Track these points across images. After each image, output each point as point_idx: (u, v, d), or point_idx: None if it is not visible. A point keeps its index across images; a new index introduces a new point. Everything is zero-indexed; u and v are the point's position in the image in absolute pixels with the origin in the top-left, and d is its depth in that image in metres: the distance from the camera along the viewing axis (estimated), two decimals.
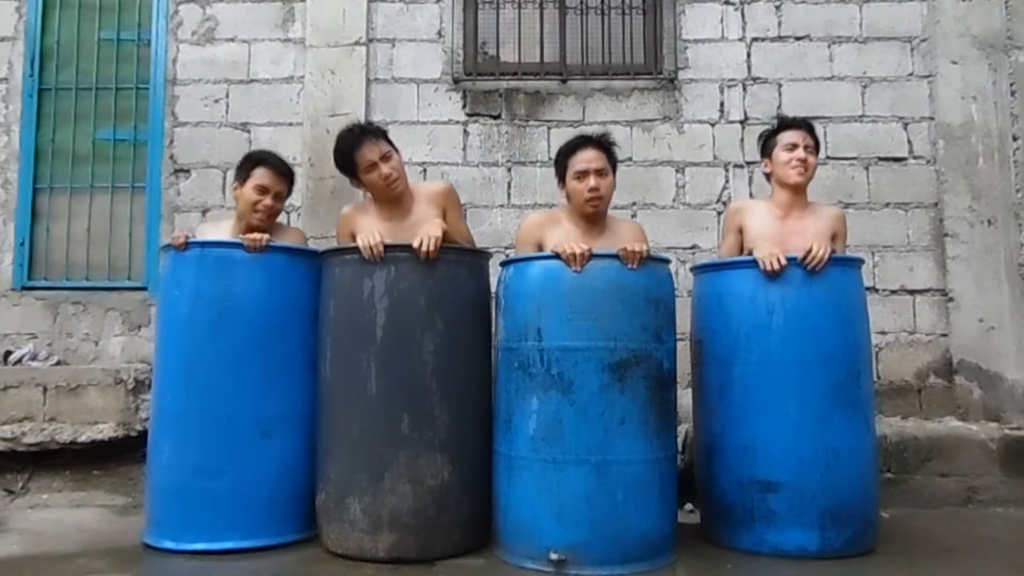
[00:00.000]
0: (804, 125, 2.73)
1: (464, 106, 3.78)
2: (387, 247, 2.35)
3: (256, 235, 2.49)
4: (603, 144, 2.56)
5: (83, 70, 3.86)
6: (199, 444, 2.39)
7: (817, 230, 2.58)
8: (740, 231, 2.68)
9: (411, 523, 2.25)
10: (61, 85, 3.86)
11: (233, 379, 2.41)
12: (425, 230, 2.37)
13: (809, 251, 2.39)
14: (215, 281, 2.45)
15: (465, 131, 3.77)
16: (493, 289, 2.50)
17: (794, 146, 2.66)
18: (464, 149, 3.76)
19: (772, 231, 2.60)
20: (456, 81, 3.79)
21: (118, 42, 3.88)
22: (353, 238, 2.44)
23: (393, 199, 2.60)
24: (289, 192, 2.77)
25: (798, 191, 2.67)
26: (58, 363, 3.54)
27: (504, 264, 2.45)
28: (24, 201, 3.78)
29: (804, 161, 2.65)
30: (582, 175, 2.50)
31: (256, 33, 3.80)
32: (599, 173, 2.50)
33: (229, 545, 2.34)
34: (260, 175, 2.63)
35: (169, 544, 2.36)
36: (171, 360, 2.48)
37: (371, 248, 2.32)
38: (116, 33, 3.89)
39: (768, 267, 2.39)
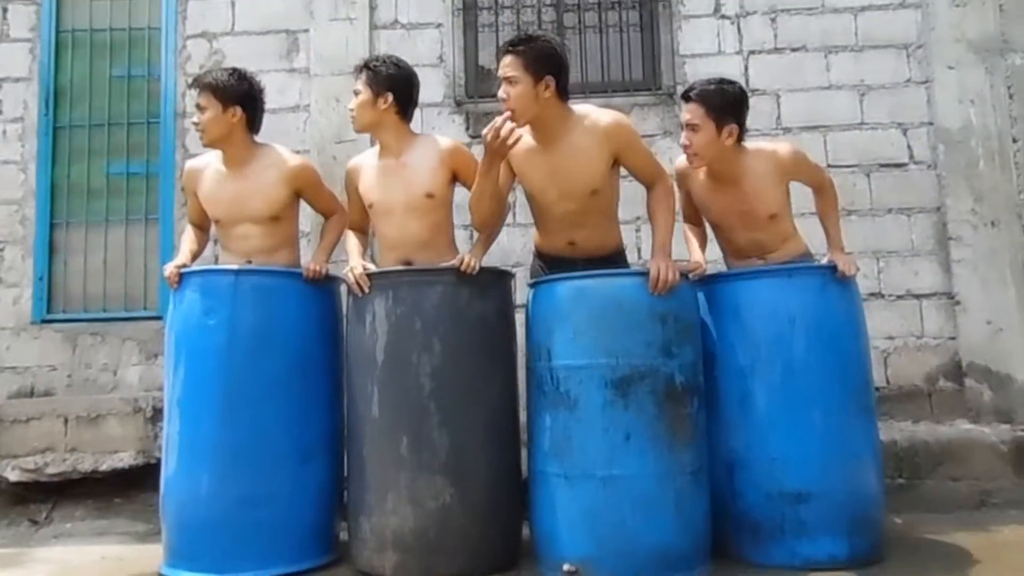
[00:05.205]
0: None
1: (467, 128, 3.83)
2: (384, 273, 2.47)
3: (314, 267, 2.56)
4: (517, 51, 2.32)
5: (95, 107, 3.96)
6: (244, 473, 2.38)
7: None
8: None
9: (412, 544, 2.27)
10: (75, 122, 3.95)
11: (274, 407, 2.44)
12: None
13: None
14: (253, 309, 2.47)
15: None
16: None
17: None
18: None
19: None
20: (458, 103, 3.85)
21: (129, 78, 3.98)
22: None
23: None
24: (228, 98, 2.57)
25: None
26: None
27: (529, 286, 2.52)
28: (42, 236, 3.87)
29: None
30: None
31: (262, 64, 3.86)
32: (508, 81, 2.32)
33: (278, 571, 2.36)
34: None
35: None
36: (206, 390, 2.43)
37: (358, 283, 2.43)
38: (127, 70, 3.99)
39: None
